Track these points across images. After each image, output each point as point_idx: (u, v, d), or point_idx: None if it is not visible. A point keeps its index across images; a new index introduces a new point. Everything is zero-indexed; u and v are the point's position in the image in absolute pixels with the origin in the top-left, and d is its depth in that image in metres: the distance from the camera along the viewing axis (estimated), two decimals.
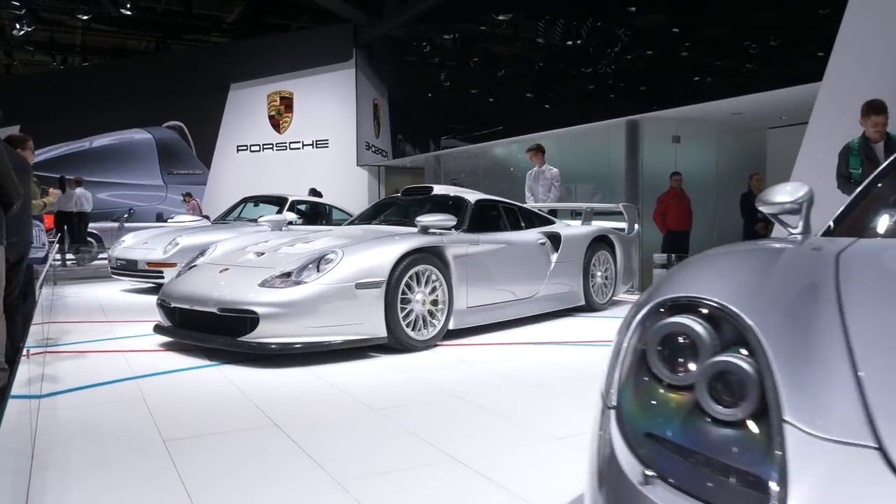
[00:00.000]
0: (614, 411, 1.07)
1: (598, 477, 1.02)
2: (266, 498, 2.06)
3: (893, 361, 0.95)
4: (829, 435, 0.83)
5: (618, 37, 11.76)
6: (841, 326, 1.05)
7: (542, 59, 15.44)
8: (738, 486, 0.85)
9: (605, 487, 1.00)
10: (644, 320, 1.17)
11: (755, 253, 1.49)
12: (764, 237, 7.10)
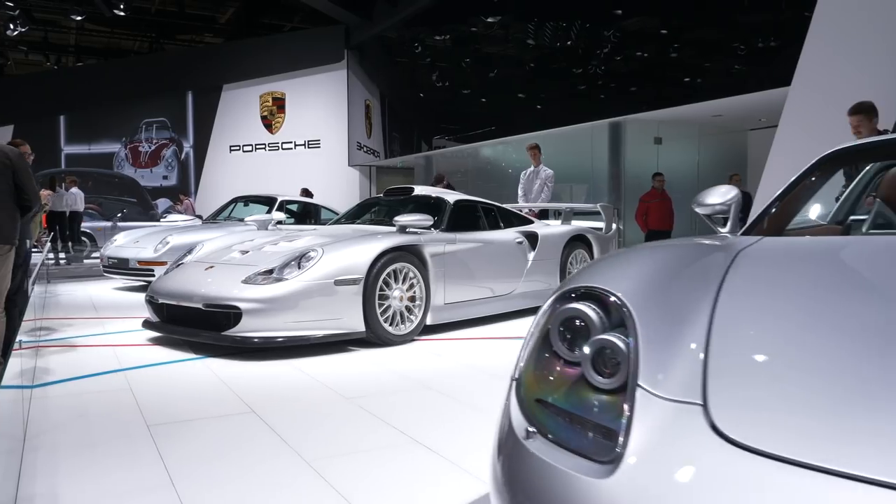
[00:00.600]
0: (515, 382, 1.27)
1: (497, 435, 1.21)
2: (240, 475, 2.24)
3: (739, 340, 1.14)
4: (668, 395, 1.02)
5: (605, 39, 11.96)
6: (710, 311, 1.24)
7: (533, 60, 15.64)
8: (595, 437, 1.04)
9: (499, 442, 1.19)
10: (552, 306, 1.36)
11: (663, 250, 1.68)
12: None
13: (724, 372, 1.05)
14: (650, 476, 0.91)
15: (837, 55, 5.83)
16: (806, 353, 1.07)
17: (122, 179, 18.08)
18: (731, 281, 1.38)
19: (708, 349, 1.12)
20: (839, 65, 5.79)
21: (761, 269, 1.49)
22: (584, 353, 1.20)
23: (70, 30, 20.79)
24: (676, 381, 1.05)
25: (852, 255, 1.55)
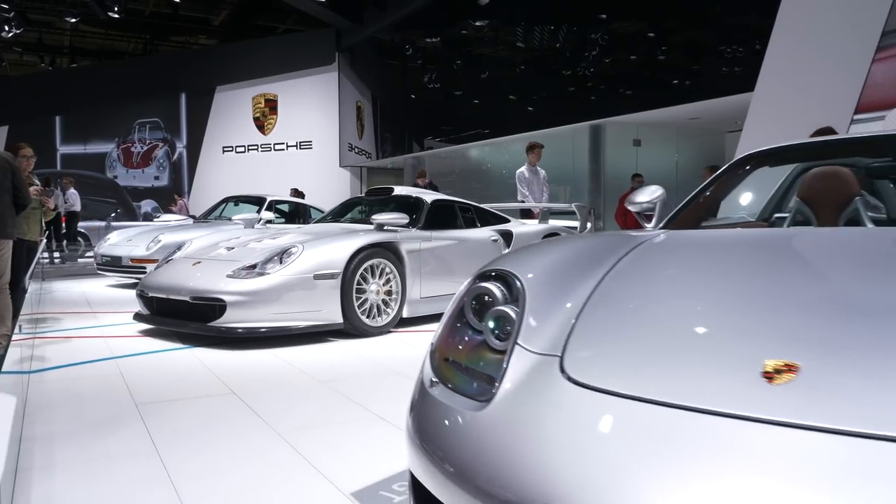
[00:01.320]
0: (431, 346, 1.54)
1: (415, 389, 1.49)
2: (219, 446, 2.51)
3: (606, 308, 1.42)
4: (537, 350, 1.30)
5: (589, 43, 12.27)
6: (593, 289, 1.52)
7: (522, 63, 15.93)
8: (480, 384, 1.31)
9: (414, 392, 1.46)
10: (468, 285, 1.64)
11: (576, 241, 1.96)
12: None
13: (583, 332, 1.33)
14: (510, 407, 1.19)
15: (797, 62, 6.13)
16: (656, 317, 1.35)
17: (102, 181, 18.26)
18: (621, 265, 1.66)
19: (579, 316, 1.39)
20: (799, 71, 6.09)
21: (652, 255, 1.77)
22: (486, 323, 1.48)
23: (64, 31, 21.00)
24: (547, 340, 1.33)
25: (735, 243, 1.83)
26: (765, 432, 0.93)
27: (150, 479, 2.15)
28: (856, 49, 5.58)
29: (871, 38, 5.50)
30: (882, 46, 5.59)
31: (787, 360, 1.03)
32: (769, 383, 1.00)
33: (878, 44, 5.58)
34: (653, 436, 0.99)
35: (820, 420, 0.91)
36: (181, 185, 18.16)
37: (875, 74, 5.57)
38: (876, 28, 5.47)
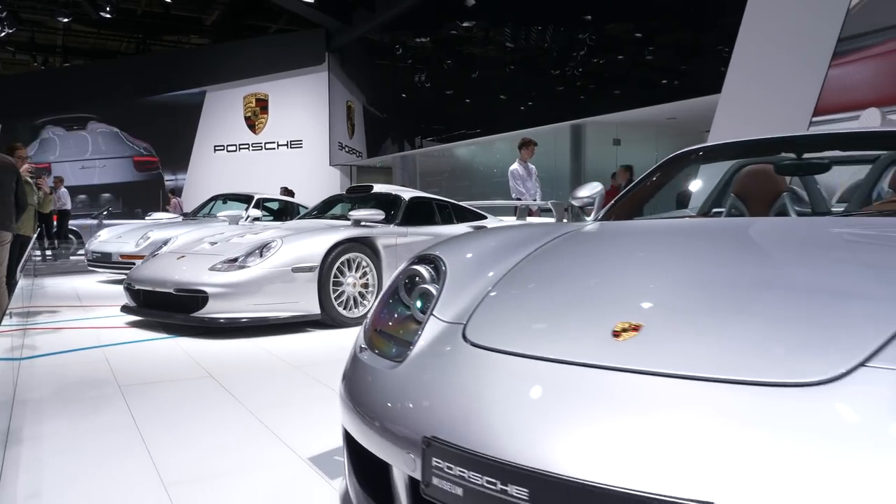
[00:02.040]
0: (366, 320, 1.77)
1: (348, 358, 1.71)
2: (193, 420, 2.74)
3: (514, 284, 1.65)
4: (447, 319, 1.53)
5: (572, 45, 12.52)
6: (507, 270, 1.75)
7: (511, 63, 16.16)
8: (399, 348, 1.54)
9: (347, 361, 1.69)
10: (404, 267, 1.87)
11: (509, 230, 2.19)
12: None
13: (489, 304, 1.56)
14: (418, 365, 1.42)
15: (760, 66, 6.38)
16: (550, 292, 1.58)
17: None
18: (541, 250, 1.90)
19: (489, 292, 1.63)
20: (762, 75, 6.35)
21: (570, 243, 2.00)
22: (413, 299, 1.71)
23: (57, 31, 21.12)
24: (457, 311, 1.56)
25: (639, 232, 2.07)
26: (606, 376, 1.16)
27: (128, 447, 2.38)
28: (813, 55, 5.83)
29: (827, 45, 5.76)
30: (839, 52, 5.84)
31: (633, 322, 1.27)
32: (615, 339, 1.24)
33: (835, 49, 5.83)
34: (523, 381, 1.22)
35: (649, 367, 1.15)
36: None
37: (833, 78, 5.81)
38: (831, 36, 5.72)
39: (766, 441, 0.95)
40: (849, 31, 5.64)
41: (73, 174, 18.16)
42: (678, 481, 0.93)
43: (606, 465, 0.98)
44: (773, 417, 0.99)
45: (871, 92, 5.80)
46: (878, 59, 5.73)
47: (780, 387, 1.03)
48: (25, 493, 1.98)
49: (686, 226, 2.21)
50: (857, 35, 5.77)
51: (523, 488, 1.02)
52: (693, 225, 2.21)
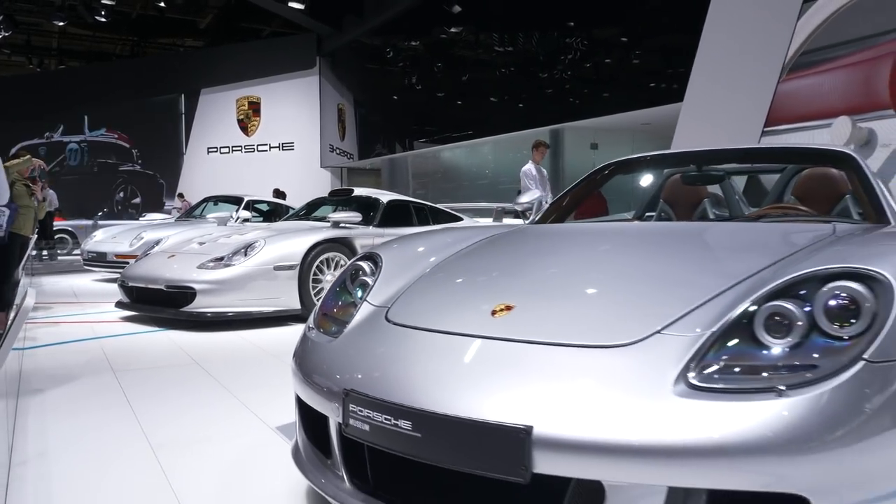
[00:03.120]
0: (317, 306, 2.15)
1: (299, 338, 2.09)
2: (178, 398, 3.11)
3: (437, 274, 2.03)
4: (376, 303, 1.91)
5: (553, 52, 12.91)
6: (434, 265, 2.14)
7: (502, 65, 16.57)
8: (338, 327, 1.91)
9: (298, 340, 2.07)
10: (351, 263, 2.26)
11: (450, 231, 2.57)
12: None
13: (411, 292, 1.94)
14: (348, 339, 1.79)
15: (718, 76, 6.78)
16: (460, 282, 1.96)
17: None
18: (468, 248, 2.29)
19: (414, 282, 2.01)
20: (719, 86, 6.75)
21: (496, 242, 2.39)
22: (356, 289, 2.09)
23: (52, 33, 21.42)
24: (385, 297, 1.94)
25: (552, 233, 2.46)
26: (477, 342, 1.54)
27: (120, 419, 2.75)
28: (765, 69, 6.24)
29: (777, 60, 6.15)
30: (812, 63, 6.16)
31: (508, 303, 1.65)
32: (492, 316, 1.62)
33: (791, 64, 6.20)
34: (418, 347, 1.61)
35: (511, 335, 1.53)
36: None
37: (806, 88, 6.13)
38: (780, 52, 6.12)
39: (576, 384, 1.34)
40: (820, 43, 5.98)
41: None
42: (513, 412, 1.31)
43: (464, 403, 1.37)
44: (585, 368, 1.38)
45: (842, 101, 6.16)
46: (847, 69, 6.09)
47: (596, 348, 1.42)
48: (34, 452, 2.36)
49: (582, 229, 2.61)
50: (828, 46, 6.10)
51: (408, 422, 1.40)
52: (586, 229, 2.62)
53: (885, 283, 1.38)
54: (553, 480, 1.29)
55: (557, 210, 3.06)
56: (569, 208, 3.11)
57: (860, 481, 1.24)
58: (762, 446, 1.20)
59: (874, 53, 5.89)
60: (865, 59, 5.96)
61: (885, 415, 1.25)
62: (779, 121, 6.33)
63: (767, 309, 1.40)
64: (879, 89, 5.83)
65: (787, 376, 1.27)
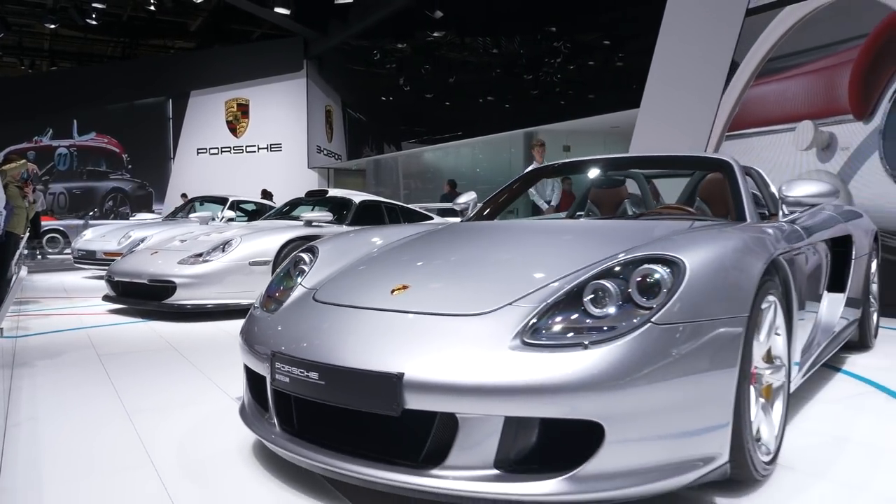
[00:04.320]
0: (262, 291, 2.57)
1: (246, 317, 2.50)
2: (156, 377, 3.51)
3: (359, 267, 2.44)
4: (308, 286, 2.33)
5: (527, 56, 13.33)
6: (364, 256, 2.55)
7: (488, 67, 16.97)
8: (276, 305, 2.32)
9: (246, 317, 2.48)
10: (294, 253, 2.67)
11: (383, 228, 2.99)
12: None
13: (338, 276, 2.36)
14: (282, 314, 2.21)
15: (677, 81, 7.22)
16: (376, 268, 2.38)
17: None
18: (400, 242, 2.71)
19: (344, 270, 2.42)
20: (671, 94, 7.19)
21: (425, 237, 2.80)
22: (296, 275, 2.51)
23: (44, 35, 21.72)
24: (316, 281, 2.36)
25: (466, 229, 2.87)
26: (374, 314, 1.96)
27: (102, 391, 3.15)
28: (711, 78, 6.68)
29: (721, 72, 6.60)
30: (778, 69, 6.51)
31: (405, 283, 2.07)
32: (391, 294, 2.04)
33: (759, 70, 6.56)
34: (330, 318, 2.03)
35: (401, 308, 1.95)
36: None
37: (772, 93, 6.49)
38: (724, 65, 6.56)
39: (440, 342, 1.76)
40: (785, 50, 6.35)
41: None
42: (389, 363, 1.73)
43: (355, 357, 1.78)
44: (449, 331, 1.80)
45: (805, 106, 6.55)
46: (810, 75, 6.47)
47: (461, 316, 1.84)
48: (26, 416, 2.76)
49: (490, 226, 3.02)
50: (793, 53, 6.46)
51: (316, 373, 1.82)
52: (494, 225, 3.03)
53: (680, 265, 1.80)
54: (422, 414, 1.71)
55: (484, 210, 3.48)
56: (493, 208, 3.53)
57: (642, 414, 1.66)
58: (569, 386, 1.62)
59: (834, 61, 6.30)
60: (826, 67, 6.36)
61: (664, 364, 1.67)
62: (747, 125, 6.73)
63: (594, 286, 1.82)
64: (839, 95, 6.23)
65: (594, 335, 1.69)
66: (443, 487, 1.67)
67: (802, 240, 2.64)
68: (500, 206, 3.54)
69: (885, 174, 5.63)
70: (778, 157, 6.46)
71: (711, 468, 1.76)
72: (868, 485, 2.04)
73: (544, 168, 3.74)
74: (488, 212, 3.48)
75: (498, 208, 3.53)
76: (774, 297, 2.11)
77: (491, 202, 3.53)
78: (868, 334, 3.95)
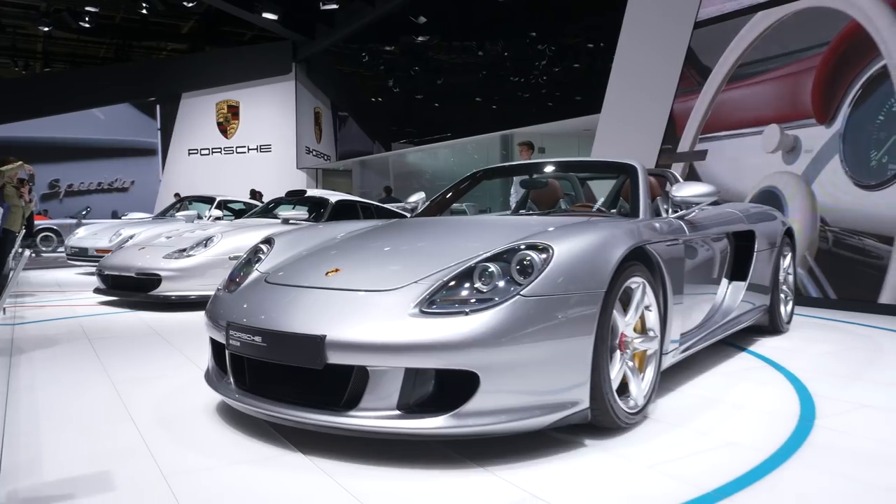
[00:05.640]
0: (226, 277, 3.02)
1: None
2: (140, 358, 3.95)
3: (306, 255, 2.90)
4: (262, 271, 2.78)
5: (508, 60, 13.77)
6: (314, 247, 3.01)
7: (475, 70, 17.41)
8: (235, 287, 2.78)
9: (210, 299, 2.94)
10: (254, 244, 3.13)
11: (336, 224, 3.45)
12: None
13: (287, 263, 2.81)
14: (238, 293, 2.66)
15: (636, 87, 7.70)
16: (321, 255, 2.83)
17: None
18: (347, 236, 3.17)
19: (294, 258, 2.88)
20: (632, 99, 7.67)
21: (373, 231, 3.26)
22: (253, 262, 2.96)
23: (37, 37, 22.07)
24: (269, 267, 2.82)
25: (408, 224, 3.33)
26: (310, 291, 2.42)
27: (91, 367, 3.60)
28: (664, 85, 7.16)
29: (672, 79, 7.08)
30: (747, 74, 6.89)
31: (338, 267, 2.53)
32: (325, 276, 2.50)
33: (730, 75, 6.91)
34: (278, 295, 2.48)
35: (332, 286, 2.41)
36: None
37: (743, 98, 6.85)
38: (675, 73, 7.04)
39: (357, 311, 2.22)
40: (753, 56, 6.75)
41: None
42: (316, 327, 2.19)
43: (290, 323, 2.24)
44: (365, 303, 2.26)
45: (772, 110, 6.94)
46: (777, 81, 6.87)
47: (376, 291, 2.31)
48: (25, 386, 3.21)
49: (423, 221, 3.47)
50: (760, 60, 6.81)
51: (259, 336, 2.28)
52: (427, 221, 3.48)
53: (550, 251, 2.27)
54: (342, 368, 2.17)
55: (429, 208, 3.95)
56: (437, 206, 3.98)
57: (512, 367, 2.12)
58: (451, 344, 2.08)
59: (799, 67, 6.70)
60: (792, 73, 6.77)
61: (532, 328, 2.13)
62: (718, 128, 7.13)
63: (482, 267, 2.28)
64: (804, 100, 6.64)
65: (475, 305, 2.16)
66: (357, 425, 2.13)
67: (684, 234, 3.11)
68: (444, 204, 4.00)
69: (844, 175, 5.95)
70: (747, 158, 6.79)
71: (572, 412, 2.23)
72: (712, 431, 2.51)
73: (485, 171, 4.19)
74: (432, 209, 3.94)
75: (442, 206, 3.99)
76: (642, 279, 2.57)
77: (435, 201, 3.99)
78: (778, 320, 4.41)
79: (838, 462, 2.21)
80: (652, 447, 2.34)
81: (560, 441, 2.36)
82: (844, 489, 2.00)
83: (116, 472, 2.12)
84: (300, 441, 2.35)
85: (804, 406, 2.83)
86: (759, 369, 3.56)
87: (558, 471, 2.12)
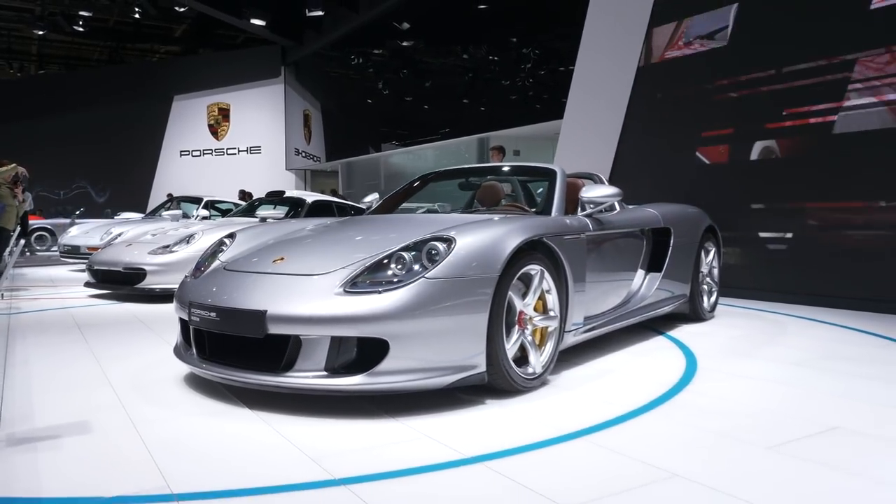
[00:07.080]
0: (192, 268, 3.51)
1: None
2: (124, 341, 4.43)
3: (267, 247, 3.39)
4: (223, 262, 3.27)
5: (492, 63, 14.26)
6: (274, 239, 3.51)
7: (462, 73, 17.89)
8: (200, 271, 3.26)
9: None
10: (218, 238, 3.62)
11: (301, 221, 3.94)
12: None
13: (248, 253, 3.30)
14: (201, 279, 3.15)
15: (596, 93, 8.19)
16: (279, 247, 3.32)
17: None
18: (306, 230, 3.66)
19: (253, 248, 3.37)
20: (591, 105, 8.17)
21: (325, 225, 3.75)
22: (217, 254, 3.45)
23: (32, 40, 22.51)
24: (229, 257, 3.31)
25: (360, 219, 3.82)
26: (257, 276, 2.91)
27: (79, 347, 4.09)
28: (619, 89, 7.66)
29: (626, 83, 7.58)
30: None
31: (283, 255, 3.03)
32: (272, 263, 2.99)
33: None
34: (231, 279, 2.97)
35: (276, 271, 2.90)
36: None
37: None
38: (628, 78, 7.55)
39: (293, 291, 2.71)
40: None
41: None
42: (259, 304, 2.68)
43: (238, 301, 2.73)
44: (300, 285, 2.75)
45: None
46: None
47: (310, 275, 2.80)
48: (20, 361, 3.70)
49: (367, 218, 3.96)
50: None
51: (213, 312, 2.77)
52: (369, 217, 3.97)
53: (452, 242, 2.77)
54: (280, 337, 2.65)
55: (379, 207, 4.44)
56: (388, 205, 4.47)
57: (417, 336, 2.61)
58: (366, 316, 2.57)
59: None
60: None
61: (433, 305, 2.62)
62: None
63: (397, 255, 2.78)
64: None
65: (387, 285, 2.65)
66: (292, 384, 2.62)
67: (589, 230, 3.60)
68: (395, 202, 4.49)
69: None
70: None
71: (470, 374, 2.73)
72: (596, 393, 3.01)
73: (435, 174, 4.68)
74: (383, 207, 4.43)
75: (393, 205, 4.48)
76: (541, 266, 3.07)
77: (386, 201, 4.48)
78: (700, 309, 4.90)
79: (687, 415, 2.70)
80: (540, 405, 2.83)
81: (465, 400, 2.85)
82: (683, 433, 2.49)
83: (94, 421, 2.61)
84: (247, 398, 2.84)
85: (685, 376, 3.33)
86: (666, 349, 4.05)
87: (453, 420, 2.61)
